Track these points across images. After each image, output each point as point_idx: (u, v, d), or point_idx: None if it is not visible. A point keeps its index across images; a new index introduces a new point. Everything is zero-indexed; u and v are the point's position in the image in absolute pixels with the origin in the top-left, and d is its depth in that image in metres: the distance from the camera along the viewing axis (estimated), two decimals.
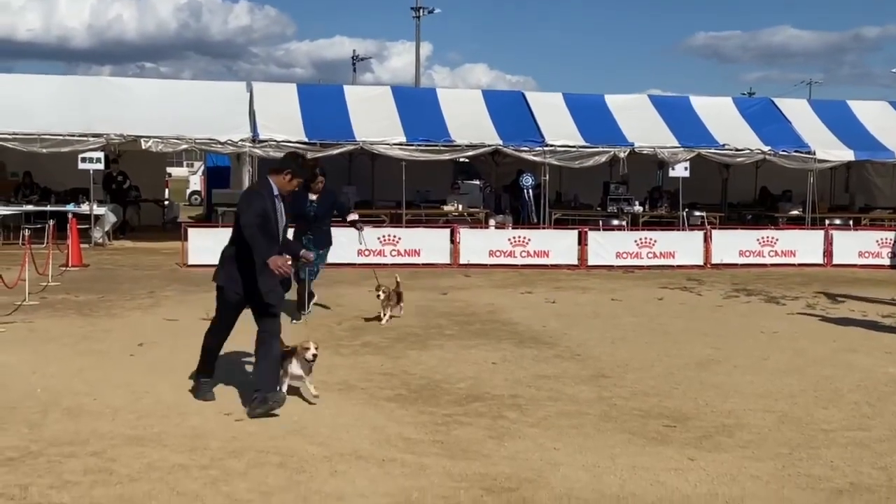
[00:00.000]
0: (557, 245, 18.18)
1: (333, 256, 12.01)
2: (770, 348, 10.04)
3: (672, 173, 20.36)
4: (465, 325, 11.21)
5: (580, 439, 6.45)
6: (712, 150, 20.53)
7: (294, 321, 10.51)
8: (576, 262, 17.96)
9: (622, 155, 20.29)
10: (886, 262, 18.57)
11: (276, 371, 6.99)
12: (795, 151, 20.68)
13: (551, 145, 20.14)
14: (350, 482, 5.49)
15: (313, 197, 10.75)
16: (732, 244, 18.56)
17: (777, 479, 5.70)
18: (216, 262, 7.23)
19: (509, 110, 21.56)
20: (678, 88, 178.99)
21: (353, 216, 11.35)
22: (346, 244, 13.98)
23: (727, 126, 21.28)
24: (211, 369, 7.43)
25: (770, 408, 7.39)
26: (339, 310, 11.93)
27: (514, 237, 18.31)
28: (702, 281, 16.04)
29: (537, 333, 10.71)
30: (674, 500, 5.29)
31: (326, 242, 11.09)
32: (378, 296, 10.92)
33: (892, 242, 18.71)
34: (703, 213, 21.24)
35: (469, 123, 20.69)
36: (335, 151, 19.79)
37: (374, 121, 20.40)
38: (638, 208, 21.53)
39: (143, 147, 19.20)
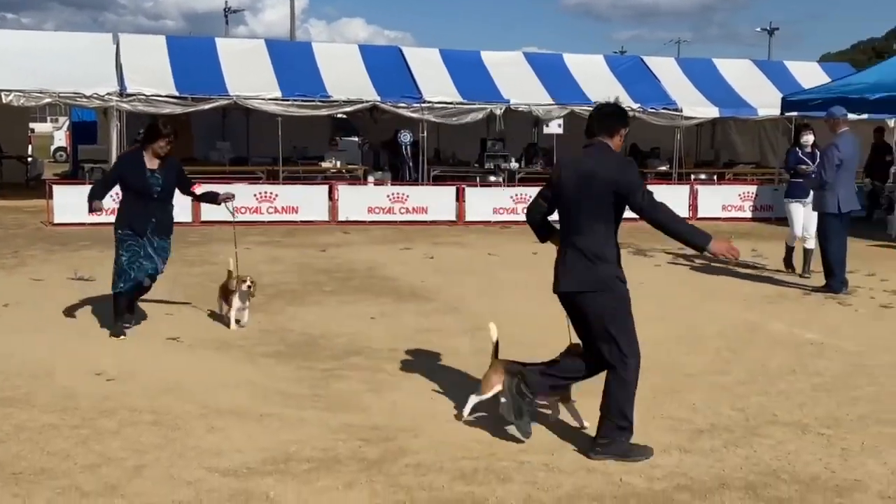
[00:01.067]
0: (436, 202, 18.32)
1: (207, 212, 11.69)
2: (638, 298, 10.38)
3: (547, 130, 20.69)
4: (345, 281, 11.23)
5: (458, 390, 6.59)
6: (585, 108, 20.91)
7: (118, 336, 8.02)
8: (454, 219, 18.15)
9: (498, 112, 20.48)
10: (748, 214, 19.43)
11: None
12: (663, 109, 21.28)
13: (429, 102, 20.17)
14: (227, 438, 5.48)
15: (154, 165, 8.06)
16: None
17: (642, 421, 5.94)
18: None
19: (387, 66, 21.44)
20: (553, 46, 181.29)
21: (201, 189, 8.62)
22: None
23: (599, 84, 21.67)
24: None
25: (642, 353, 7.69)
26: (213, 268, 11.77)
27: (392, 194, 18.34)
28: None
29: (416, 288, 10.82)
30: (544, 444, 5.49)
31: (171, 229, 8.43)
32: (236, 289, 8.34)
33: (754, 196, 19.57)
34: None
35: (346, 79, 20.50)
36: (207, 106, 19.33)
37: (248, 75, 19.98)
38: (514, 165, 21.81)
39: (4, 101, 18.34)
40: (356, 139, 24.93)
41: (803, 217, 12.00)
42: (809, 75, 23.68)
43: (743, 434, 5.74)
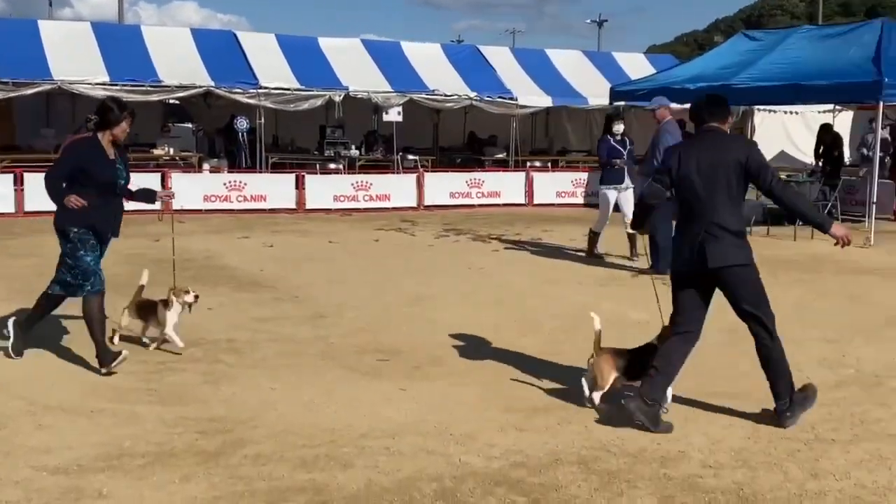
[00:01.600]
0: (275, 189, 18.09)
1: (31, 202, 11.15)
2: (477, 283, 10.62)
3: (386, 118, 20.73)
4: (180, 271, 10.85)
5: (298, 378, 6.56)
6: (423, 96, 21.08)
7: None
8: (294, 206, 17.96)
9: (337, 99, 20.35)
10: (580, 200, 20.09)
11: None
12: (499, 97, 21.67)
13: (265, 88, 19.82)
14: (57, 434, 5.27)
15: (111, 154, 6.87)
16: (443, 186, 19.33)
17: (481, 402, 6.11)
18: None
19: (221, 51, 20.91)
20: (391, 34, 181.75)
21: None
22: None
23: (437, 72, 21.89)
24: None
25: (477, 337, 7.86)
26: (40, 260, 11.23)
27: (229, 182, 17.98)
28: (415, 222, 16.59)
29: (255, 277, 10.67)
30: (385, 429, 5.54)
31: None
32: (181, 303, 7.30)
33: (585, 183, 20.24)
34: (417, 157, 21.85)
35: (178, 64, 19.87)
36: (29, 91, 18.35)
37: (74, 59, 19.06)
38: (354, 152, 21.74)
39: None
40: (190, 126, 24.24)
41: (622, 202, 12.43)
42: (636, 66, 24.62)
43: (577, 411, 5.96)
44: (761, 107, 23.40)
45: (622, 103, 19.93)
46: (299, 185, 18.17)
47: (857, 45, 15.56)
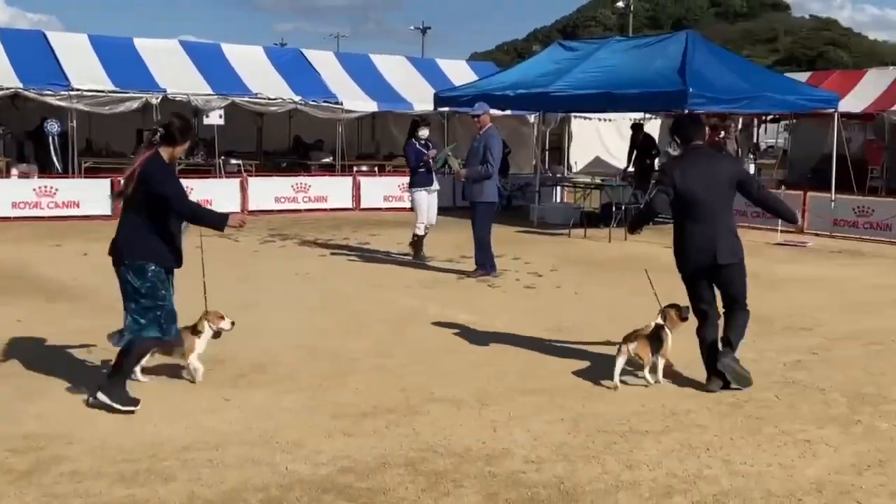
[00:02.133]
0: (89, 195, 17.35)
1: None
2: (304, 289, 10.54)
3: (207, 121, 20.21)
4: None
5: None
6: (246, 99, 20.69)
7: None
8: (109, 213, 17.20)
9: (155, 101, 19.70)
10: (408, 204, 20.19)
11: None
12: (325, 102, 21.55)
13: (78, 90, 18.96)
14: None
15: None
16: (268, 191, 19.06)
17: (308, 408, 6.07)
18: None
19: (30, 51, 19.85)
20: (211, 35, 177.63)
21: None
22: None
23: (260, 75, 21.55)
24: None
25: (303, 343, 7.80)
26: None
27: (40, 188, 17.11)
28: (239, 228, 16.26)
29: (68, 288, 10.20)
30: (208, 440, 5.41)
31: None
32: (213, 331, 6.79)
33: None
34: (240, 162, 21.43)
35: None
36: None
37: None
38: None
39: None
40: None
41: (430, 204, 12.72)
42: (459, 73, 25.08)
43: (404, 413, 6.01)
44: (577, 114, 24.33)
45: (446, 109, 20.26)
46: (115, 190, 17.47)
47: (664, 57, 16.40)
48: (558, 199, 20.32)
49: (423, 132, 12.93)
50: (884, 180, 23.59)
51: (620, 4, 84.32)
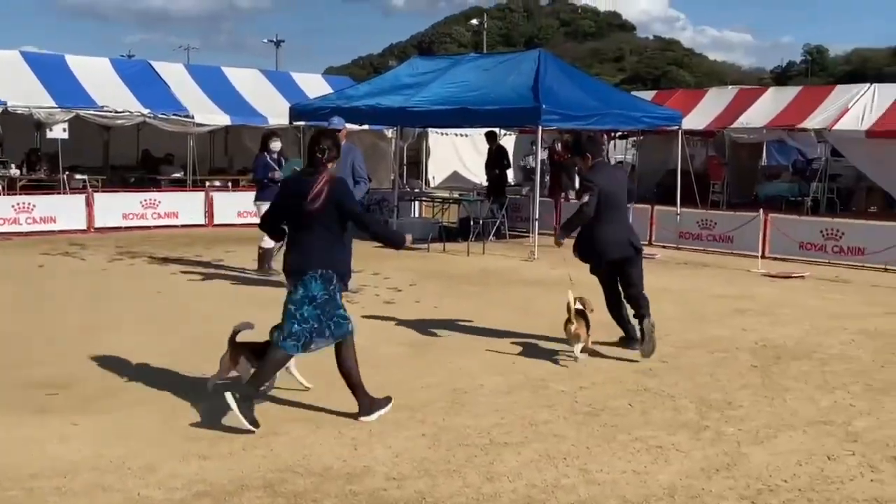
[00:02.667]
0: None
1: None
2: (155, 308, 10.20)
3: (50, 135, 19.37)
4: None
5: None
6: (91, 112, 19.92)
7: None
8: None
9: None
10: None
11: None
12: (174, 115, 20.98)
13: None
14: None
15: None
16: (116, 207, 18.36)
17: (161, 431, 5.85)
18: None
19: None
20: (55, 47, 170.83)
21: None
22: None
23: (106, 87, 20.79)
24: None
25: (155, 365, 7.53)
26: None
27: None
28: (85, 245, 15.64)
29: None
30: (56, 467, 5.15)
31: None
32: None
33: None
34: (85, 177, 20.61)
35: None
36: None
37: None
38: (15, 172, 20.13)
39: None
40: None
41: None
42: (314, 86, 24.88)
43: (262, 434, 5.87)
44: (434, 129, 24.55)
45: (302, 122, 20.06)
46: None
47: (518, 74, 16.73)
48: (417, 214, 20.42)
49: (275, 145, 12.79)
50: (725, 195, 24.75)
51: (474, 22, 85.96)
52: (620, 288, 8.29)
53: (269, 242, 12.56)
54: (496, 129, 20.24)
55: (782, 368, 7.87)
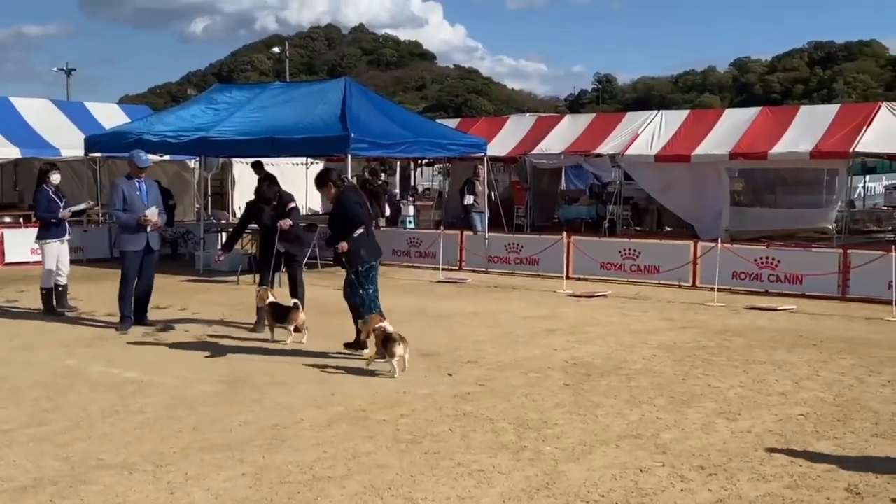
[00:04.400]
0: None
1: None
2: None
3: None
4: None
5: None
6: None
7: None
8: None
9: None
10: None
11: None
12: None
13: None
14: None
15: None
16: None
17: None
18: None
19: None
20: None
21: None
22: None
23: None
24: None
25: None
26: None
27: None
28: None
29: None
30: None
31: None
32: None
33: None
34: None
35: None
36: None
37: None
38: None
39: None
40: None
41: (62, 254, 12.28)
42: (110, 116, 23.95)
43: (70, 483, 5.54)
44: (240, 159, 24.09)
45: (98, 154, 19.25)
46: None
47: (325, 102, 16.71)
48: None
49: (55, 177, 12.29)
50: (529, 218, 25.57)
51: (276, 50, 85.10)
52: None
53: (48, 281, 12.01)
54: (261, 160, 19.72)
55: (592, 385, 8.18)
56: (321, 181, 9.69)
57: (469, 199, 19.11)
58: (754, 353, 9.65)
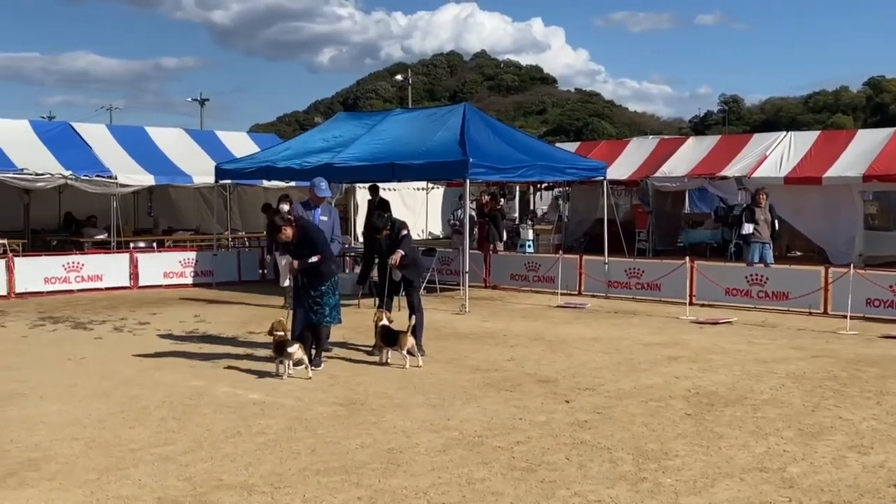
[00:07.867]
0: None
1: None
2: (78, 375, 9.88)
3: None
4: None
5: None
6: (11, 175, 19.50)
7: None
8: None
9: None
10: (189, 280, 19.54)
11: None
12: (97, 176, 20.61)
13: None
14: None
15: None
16: (37, 272, 17.85)
17: None
18: None
19: None
20: None
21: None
22: None
23: (25, 150, 20.39)
24: None
25: (78, 435, 7.27)
26: None
27: None
28: (6, 312, 15.15)
29: None
30: None
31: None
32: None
33: (194, 262, 19.72)
34: (5, 241, 20.08)
35: None
36: None
37: None
38: None
39: None
40: None
41: None
42: (240, 145, 24.76)
43: (191, 502, 5.67)
44: (362, 184, 24.53)
45: (228, 181, 19.89)
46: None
47: (444, 128, 16.84)
48: (346, 270, 20.29)
49: (284, 207, 13.07)
50: (650, 242, 25.15)
51: (399, 77, 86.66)
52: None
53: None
54: (377, 184, 19.89)
55: (716, 415, 7.92)
56: (274, 231, 9.96)
57: (748, 229, 16.95)
58: (889, 385, 9.19)
